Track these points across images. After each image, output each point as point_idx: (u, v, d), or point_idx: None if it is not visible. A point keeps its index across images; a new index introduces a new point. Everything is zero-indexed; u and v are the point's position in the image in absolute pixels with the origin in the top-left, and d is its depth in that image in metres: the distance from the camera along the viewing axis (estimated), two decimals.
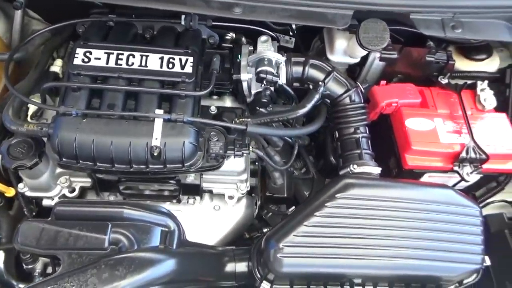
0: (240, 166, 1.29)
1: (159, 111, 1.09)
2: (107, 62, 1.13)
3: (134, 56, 1.14)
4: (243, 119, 1.18)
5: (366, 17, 1.22)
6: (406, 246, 1.03)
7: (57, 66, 1.33)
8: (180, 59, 1.16)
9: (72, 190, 1.28)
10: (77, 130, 1.05)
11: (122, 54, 1.14)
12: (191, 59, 1.16)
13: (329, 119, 1.32)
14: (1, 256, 1.21)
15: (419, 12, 1.25)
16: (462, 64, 1.51)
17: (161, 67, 1.14)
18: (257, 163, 1.37)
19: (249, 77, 1.26)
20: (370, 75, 1.47)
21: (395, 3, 1.26)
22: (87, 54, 1.13)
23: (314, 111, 1.32)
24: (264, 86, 1.22)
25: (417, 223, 1.05)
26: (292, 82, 1.28)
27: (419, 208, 1.07)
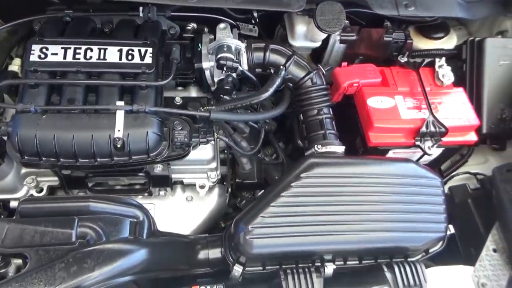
0: (208, 154, 1.30)
1: (120, 103, 1.09)
2: (65, 57, 1.11)
3: (92, 50, 1.14)
4: (206, 108, 1.19)
5: (322, 0, 1.24)
6: (372, 220, 1.05)
7: (16, 66, 1.31)
8: (139, 50, 1.15)
9: (40, 190, 1.27)
10: (37, 127, 1.04)
11: (80, 48, 1.13)
12: (150, 50, 1.16)
13: (294, 103, 1.34)
14: None
15: None
16: (421, 43, 1.56)
17: (120, 59, 1.14)
18: (226, 151, 1.39)
19: (211, 65, 1.27)
20: (332, 58, 1.50)
21: None
22: (44, 50, 1.11)
23: (279, 96, 1.34)
24: (226, 73, 1.23)
25: (381, 197, 1.08)
26: (254, 68, 1.30)
27: (383, 182, 1.10)
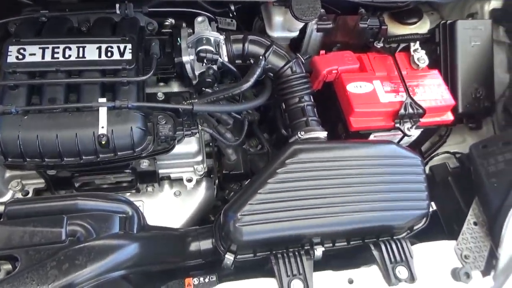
0: (193, 147, 1.31)
1: (102, 100, 1.09)
2: (43, 57, 1.11)
3: (71, 49, 1.13)
4: (189, 101, 1.20)
5: None
6: (357, 201, 1.08)
7: None
8: (119, 47, 1.16)
9: (26, 193, 1.26)
10: (19, 128, 1.03)
11: (58, 48, 1.12)
12: (130, 46, 1.16)
13: (275, 92, 1.36)
14: None
15: None
16: (396, 29, 1.60)
17: (100, 57, 1.14)
18: (211, 144, 1.40)
19: (191, 59, 1.28)
20: (310, 47, 1.52)
21: None
22: (21, 51, 1.11)
23: (261, 86, 1.36)
24: (207, 66, 1.24)
25: (365, 178, 1.11)
26: (234, 60, 1.31)
27: (365, 164, 1.13)
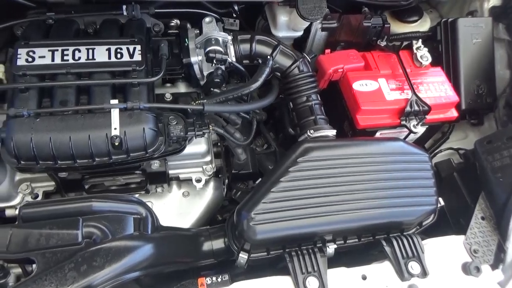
0: (202, 148, 1.32)
1: (114, 101, 1.09)
2: (53, 59, 1.11)
3: (80, 51, 1.13)
4: (199, 101, 1.20)
5: None
6: (368, 198, 1.10)
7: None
8: (128, 48, 1.16)
9: (35, 196, 1.26)
10: (32, 130, 1.03)
11: (67, 50, 1.12)
12: (139, 47, 1.16)
13: (282, 91, 1.37)
14: None
15: None
16: (397, 27, 1.63)
17: (110, 58, 1.14)
18: (219, 144, 1.40)
19: (199, 59, 1.28)
20: (315, 46, 1.54)
21: None
22: (31, 54, 1.10)
23: (268, 86, 1.37)
24: (215, 66, 1.25)
25: (375, 175, 1.12)
26: (242, 60, 1.32)
27: (375, 161, 1.14)
